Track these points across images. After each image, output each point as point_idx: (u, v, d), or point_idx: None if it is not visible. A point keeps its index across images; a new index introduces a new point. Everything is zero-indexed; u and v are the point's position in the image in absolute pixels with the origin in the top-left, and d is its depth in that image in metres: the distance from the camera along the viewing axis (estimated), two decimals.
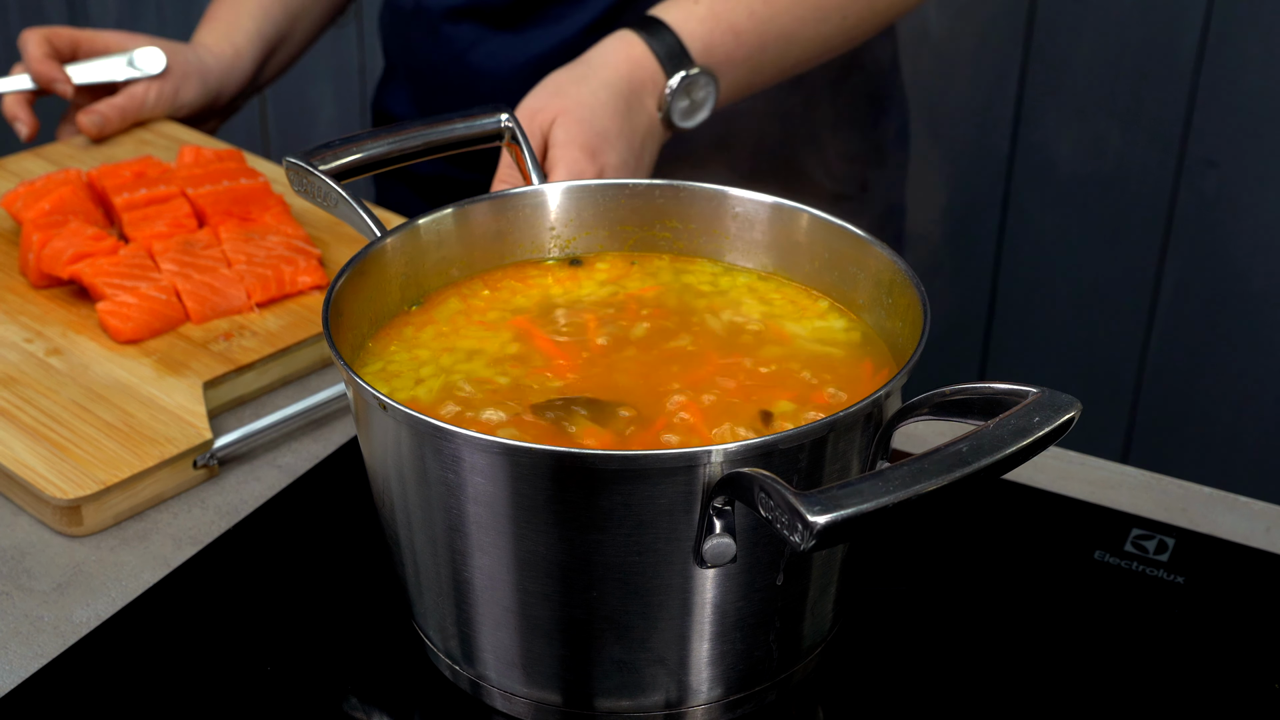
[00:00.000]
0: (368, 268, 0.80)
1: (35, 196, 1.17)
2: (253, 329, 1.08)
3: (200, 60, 1.44)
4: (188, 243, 1.13)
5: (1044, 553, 0.88)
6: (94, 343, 1.06)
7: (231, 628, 0.82)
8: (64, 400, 0.99)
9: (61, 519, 0.90)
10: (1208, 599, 0.84)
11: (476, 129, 0.89)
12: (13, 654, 0.81)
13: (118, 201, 1.17)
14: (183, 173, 1.21)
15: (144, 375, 1.02)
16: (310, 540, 0.89)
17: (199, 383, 1.01)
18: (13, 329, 1.07)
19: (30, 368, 1.02)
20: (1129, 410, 2.07)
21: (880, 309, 0.81)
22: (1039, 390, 0.65)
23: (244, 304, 1.10)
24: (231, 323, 1.08)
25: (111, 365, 1.03)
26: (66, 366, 1.03)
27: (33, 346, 1.05)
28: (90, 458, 0.93)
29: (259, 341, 1.06)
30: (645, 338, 0.82)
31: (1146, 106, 1.87)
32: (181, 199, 1.18)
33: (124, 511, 0.92)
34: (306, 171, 0.83)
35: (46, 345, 1.05)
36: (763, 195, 0.86)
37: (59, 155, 1.36)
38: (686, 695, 0.73)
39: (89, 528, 0.90)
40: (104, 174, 1.20)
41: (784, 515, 0.59)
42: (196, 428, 0.96)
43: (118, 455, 0.93)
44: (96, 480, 0.91)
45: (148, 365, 1.03)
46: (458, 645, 0.75)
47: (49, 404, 0.98)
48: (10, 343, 1.05)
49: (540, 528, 0.67)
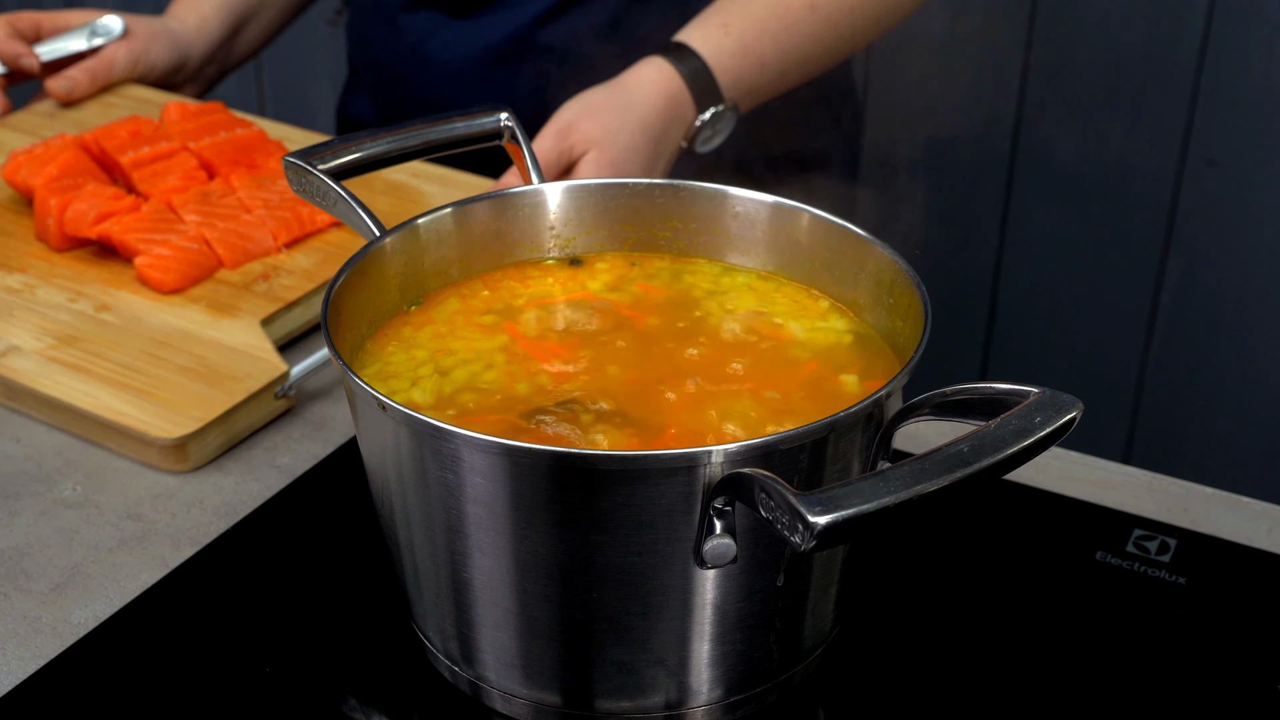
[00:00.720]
0: (367, 267, 0.80)
1: (38, 163, 1.19)
2: (286, 268, 1.12)
3: (164, 24, 1.48)
4: (204, 194, 1.17)
5: (1045, 553, 0.88)
6: (138, 296, 1.09)
7: (230, 629, 0.82)
8: (132, 351, 1.02)
9: (167, 458, 0.95)
10: (1210, 600, 0.84)
11: (476, 128, 0.89)
12: (11, 655, 0.81)
13: (124, 160, 1.20)
14: (173, 128, 1.25)
15: (199, 320, 1.06)
16: (309, 541, 0.89)
17: (255, 321, 1.06)
18: (53, 292, 1.10)
19: (86, 325, 1.05)
20: (1131, 410, 2.06)
21: (881, 309, 0.81)
22: (1040, 390, 0.65)
23: (272, 246, 1.14)
24: (264, 265, 1.13)
25: (165, 315, 1.07)
26: (121, 320, 1.06)
27: (80, 305, 1.08)
28: (178, 399, 0.97)
29: (297, 279, 1.11)
30: (645, 338, 0.82)
31: (1148, 106, 1.87)
32: (186, 153, 1.22)
33: (220, 445, 0.97)
34: (306, 171, 0.83)
35: (93, 303, 1.08)
36: (763, 195, 0.86)
37: (28, 124, 1.37)
38: (687, 696, 0.73)
39: (193, 463, 0.96)
40: (101, 136, 1.23)
41: (784, 516, 0.59)
42: (270, 361, 1.01)
43: (204, 394, 0.98)
44: (195, 419, 0.95)
45: (199, 311, 1.07)
46: (457, 646, 0.75)
47: (119, 355, 1.02)
48: (56, 304, 1.08)
49: (540, 528, 0.67)
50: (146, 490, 0.94)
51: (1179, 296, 1.98)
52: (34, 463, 0.96)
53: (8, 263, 1.13)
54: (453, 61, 1.40)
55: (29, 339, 1.03)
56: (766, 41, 1.21)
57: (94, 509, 0.92)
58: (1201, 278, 1.95)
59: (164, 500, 0.93)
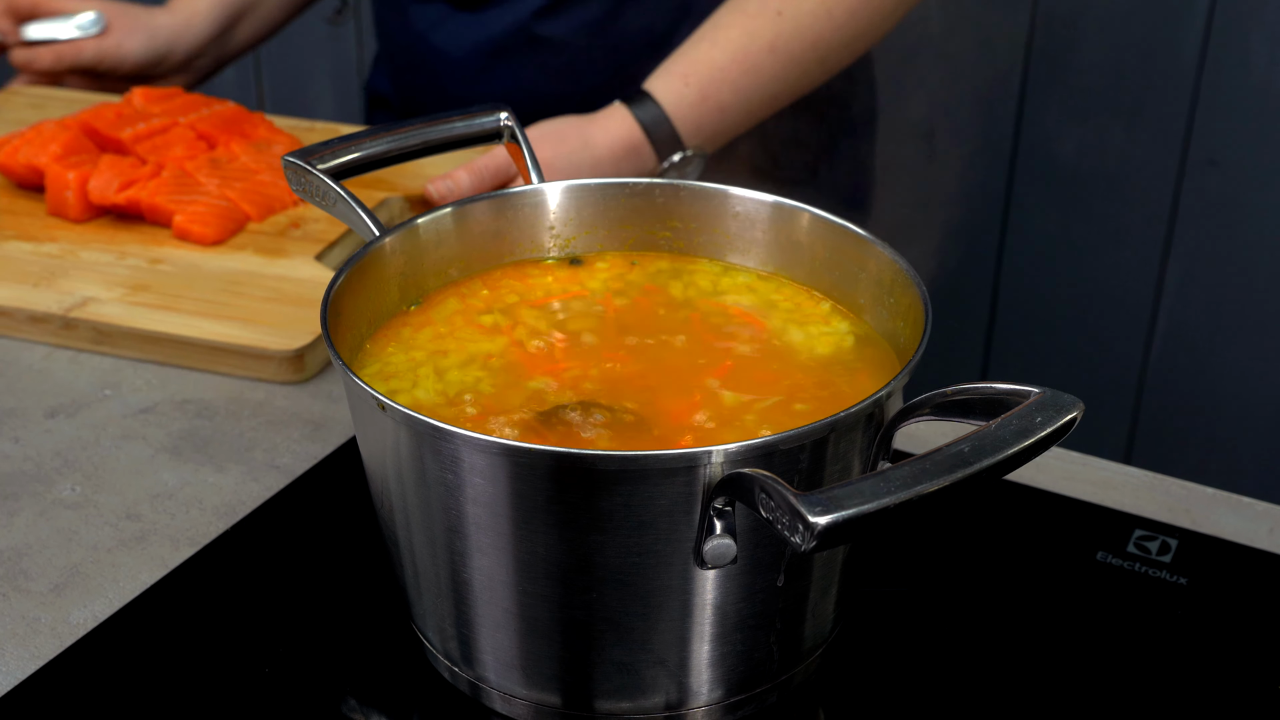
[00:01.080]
0: (366, 267, 0.80)
1: (36, 146, 1.24)
2: (311, 217, 1.17)
3: (150, 16, 1.53)
4: (213, 160, 1.23)
5: (1046, 554, 0.88)
6: (184, 250, 1.13)
7: (230, 629, 0.82)
8: (208, 290, 1.07)
9: (286, 369, 1.02)
10: (1211, 600, 0.84)
11: (476, 128, 0.89)
12: (9, 656, 0.81)
13: (125, 136, 1.25)
14: (154, 109, 1.30)
15: (256, 263, 1.11)
16: (309, 541, 0.89)
17: (309, 258, 1.10)
18: (95, 254, 1.13)
19: (148, 276, 1.09)
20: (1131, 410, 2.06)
21: (882, 309, 0.81)
22: (1041, 390, 0.65)
23: (289, 200, 1.21)
24: (289, 216, 1.18)
25: (220, 261, 1.11)
26: (180, 269, 1.10)
27: (131, 261, 1.11)
28: (277, 320, 1.02)
29: (325, 225, 1.16)
30: (645, 338, 0.82)
31: (1149, 105, 1.87)
32: (182, 127, 1.28)
33: (326, 358, 1.04)
34: (305, 170, 0.83)
35: (143, 259, 1.12)
36: (763, 195, 0.86)
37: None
38: (687, 697, 0.73)
39: (309, 373, 1.03)
40: (89, 118, 1.28)
41: (785, 516, 0.59)
42: None
43: (299, 314, 1.02)
44: (307, 331, 1.02)
45: (250, 254, 1.12)
46: (457, 647, 0.75)
47: (199, 293, 1.06)
48: (106, 263, 1.12)
49: (540, 529, 0.67)
50: (145, 490, 0.94)
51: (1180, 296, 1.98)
52: (33, 463, 0.96)
53: (34, 235, 1.17)
54: (456, 53, 1.43)
55: (99, 290, 1.08)
56: (727, 89, 1.24)
57: (93, 509, 0.92)
58: (1202, 277, 1.95)
59: (163, 500, 0.93)
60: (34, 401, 1.03)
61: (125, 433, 0.99)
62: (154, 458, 0.97)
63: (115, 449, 0.98)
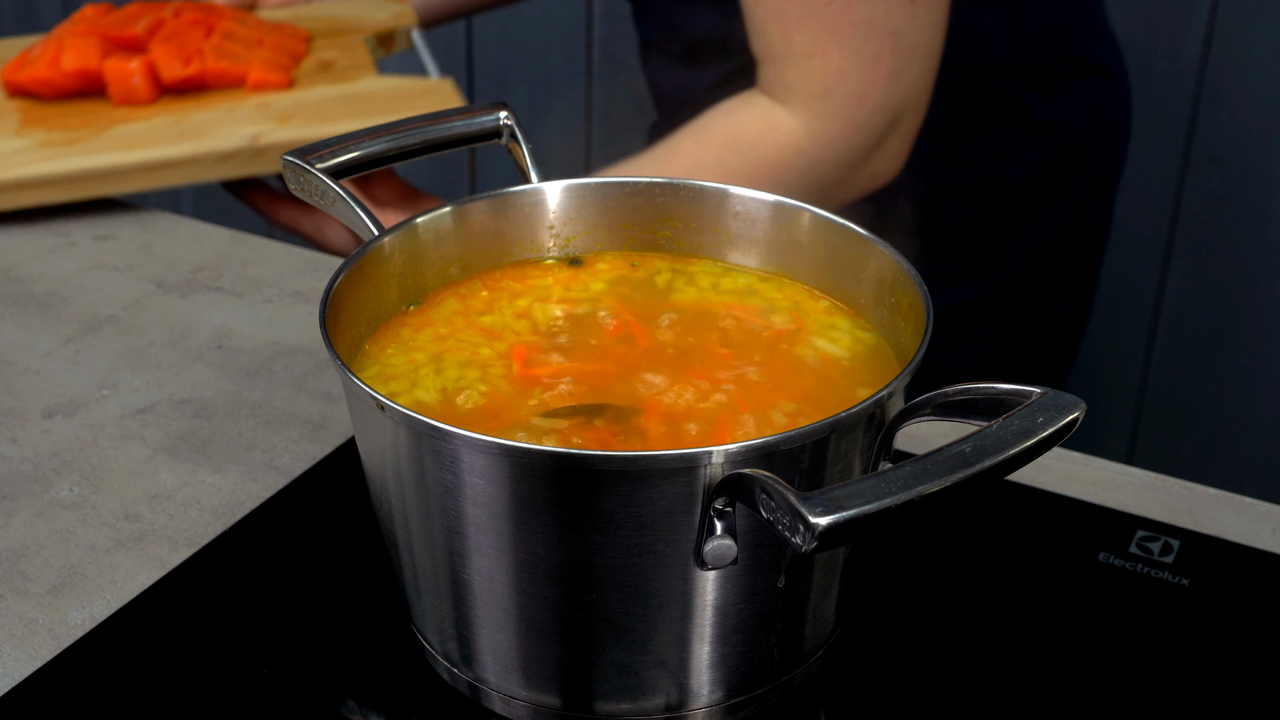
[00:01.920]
0: (365, 267, 0.80)
1: (75, 53, 1.30)
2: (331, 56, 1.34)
3: None
4: (228, 33, 1.33)
5: (1048, 554, 0.88)
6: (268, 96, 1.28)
7: (228, 630, 0.82)
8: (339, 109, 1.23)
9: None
10: (1213, 601, 0.84)
11: (475, 127, 0.89)
12: (6, 657, 0.81)
13: (140, 29, 1.34)
14: (131, 9, 1.39)
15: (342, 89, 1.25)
16: (307, 542, 0.89)
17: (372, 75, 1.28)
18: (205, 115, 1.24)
19: (277, 112, 1.25)
20: (1133, 410, 2.06)
21: (883, 308, 0.81)
22: (1043, 390, 0.65)
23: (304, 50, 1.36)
24: (313, 62, 1.33)
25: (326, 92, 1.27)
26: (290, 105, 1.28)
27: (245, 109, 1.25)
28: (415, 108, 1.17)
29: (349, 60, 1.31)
30: (645, 338, 0.81)
31: (1151, 104, 1.87)
32: (176, 19, 1.36)
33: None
34: (304, 170, 0.83)
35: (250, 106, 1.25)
36: (764, 194, 0.86)
37: None
38: (687, 698, 0.72)
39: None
40: (86, 31, 1.34)
41: (785, 517, 0.58)
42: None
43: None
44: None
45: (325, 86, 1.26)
46: (456, 648, 0.75)
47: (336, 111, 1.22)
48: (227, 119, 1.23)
49: (539, 529, 0.67)
50: (143, 491, 0.94)
51: (1182, 295, 1.97)
52: (30, 463, 0.96)
53: (129, 117, 1.25)
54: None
55: (254, 127, 1.18)
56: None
57: (91, 509, 0.92)
58: (1205, 276, 1.95)
59: (161, 501, 0.93)
60: (32, 401, 1.02)
61: (123, 433, 0.99)
62: (152, 458, 0.97)
63: (113, 449, 0.98)
